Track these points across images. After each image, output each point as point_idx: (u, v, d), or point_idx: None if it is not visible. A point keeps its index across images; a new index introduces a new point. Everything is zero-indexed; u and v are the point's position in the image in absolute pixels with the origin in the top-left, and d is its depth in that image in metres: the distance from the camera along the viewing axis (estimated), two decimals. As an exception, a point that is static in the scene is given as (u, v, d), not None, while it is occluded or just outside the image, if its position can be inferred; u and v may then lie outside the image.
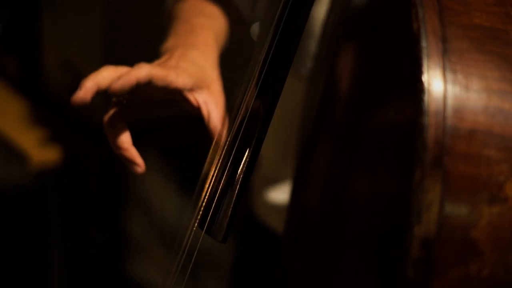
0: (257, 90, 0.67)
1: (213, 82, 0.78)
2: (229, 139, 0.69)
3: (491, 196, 0.53)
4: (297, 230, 0.75)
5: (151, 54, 1.49)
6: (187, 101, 0.76)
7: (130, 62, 1.79)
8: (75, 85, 1.87)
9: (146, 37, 1.64)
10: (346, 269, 0.62)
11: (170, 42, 0.83)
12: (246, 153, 0.67)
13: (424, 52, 0.53)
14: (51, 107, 1.78)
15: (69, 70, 1.74)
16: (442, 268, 0.53)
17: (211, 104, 0.76)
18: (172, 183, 2.00)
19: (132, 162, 0.76)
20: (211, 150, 0.74)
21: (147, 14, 1.65)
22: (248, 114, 0.67)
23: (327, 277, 0.65)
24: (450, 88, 0.53)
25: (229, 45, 0.92)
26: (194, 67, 0.77)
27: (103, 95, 1.77)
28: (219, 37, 0.86)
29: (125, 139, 0.76)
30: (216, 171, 0.70)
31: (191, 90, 0.76)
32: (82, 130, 1.71)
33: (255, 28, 0.92)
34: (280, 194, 0.98)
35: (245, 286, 1.12)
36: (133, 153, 0.76)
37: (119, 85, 0.73)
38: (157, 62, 0.79)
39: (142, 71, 0.73)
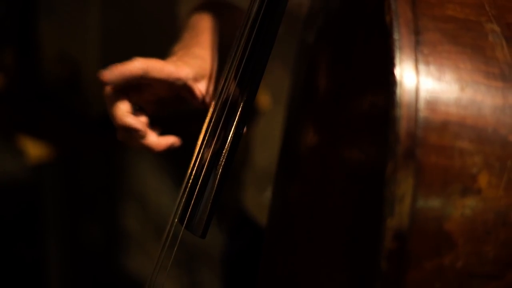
0: (236, 82, 0.67)
1: (215, 72, 0.79)
2: (208, 131, 0.69)
3: (464, 188, 0.53)
4: (278, 223, 0.75)
5: (149, 46, 1.49)
6: (191, 93, 0.76)
7: (128, 54, 1.79)
8: (73, 78, 1.87)
9: (144, 29, 1.65)
10: (324, 262, 0.62)
11: (175, 47, 0.83)
12: (225, 148, 0.67)
13: (397, 44, 0.53)
14: (48, 101, 1.78)
15: (66, 63, 1.74)
16: (415, 260, 0.53)
17: None
18: (168, 177, 2.00)
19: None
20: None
21: (145, 7, 1.66)
22: (228, 104, 0.67)
23: (306, 270, 0.65)
24: (422, 80, 0.53)
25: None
26: (195, 59, 0.77)
27: (101, 89, 1.76)
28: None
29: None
30: (196, 165, 0.70)
31: (195, 80, 0.76)
32: (78, 125, 1.71)
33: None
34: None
35: (239, 280, 1.12)
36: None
37: (110, 75, 0.72)
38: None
39: (136, 63, 0.73)
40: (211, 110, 0.72)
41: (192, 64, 0.76)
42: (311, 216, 0.65)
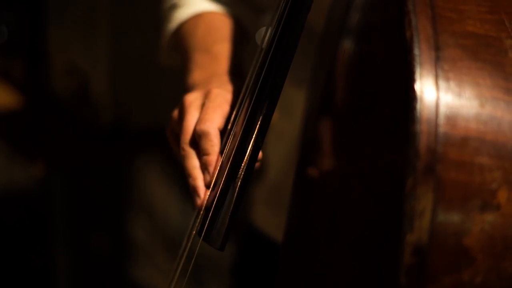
0: (255, 94, 0.67)
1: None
2: (227, 145, 0.70)
3: (484, 203, 0.53)
4: (295, 239, 0.75)
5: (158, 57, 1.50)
6: None
7: (136, 66, 1.79)
8: (82, 90, 1.87)
9: (153, 41, 1.65)
10: (342, 277, 0.62)
11: (196, 75, 0.82)
12: (244, 160, 0.68)
13: (417, 60, 0.53)
14: (56, 111, 1.79)
15: (75, 74, 1.75)
16: (434, 275, 0.53)
17: None
18: (175, 188, 2.00)
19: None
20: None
21: (154, 18, 1.66)
22: (244, 122, 0.68)
23: (324, 284, 0.65)
24: (442, 95, 0.53)
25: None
26: (231, 92, 0.76)
27: (110, 100, 1.77)
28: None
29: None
30: (214, 178, 0.70)
31: None
32: (87, 135, 1.72)
33: (260, 33, 0.93)
34: (284, 204, 0.98)
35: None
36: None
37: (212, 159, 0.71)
38: (196, 102, 0.76)
39: (213, 143, 0.71)
40: (230, 122, 0.72)
41: (232, 91, 0.76)
42: (328, 232, 0.65)
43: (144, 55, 1.66)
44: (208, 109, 0.72)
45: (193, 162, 0.72)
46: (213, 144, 0.71)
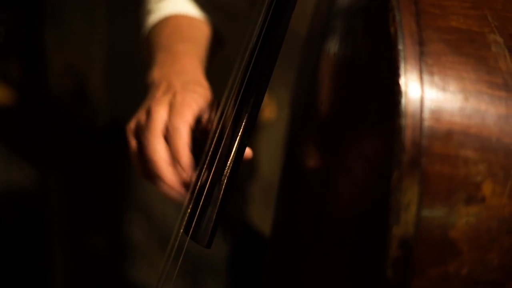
0: (240, 91, 0.68)
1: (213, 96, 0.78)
2: (213, 142, 0.70)
3: (469, 196, 0.54)
4: (282, 235, 0.76)
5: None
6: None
7: (133, 66, 1.79)
8: (79, 90, 1.87)
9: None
10: (329, 272, 0.62)
11: (156, 73, 0.81)
12: (230, 159, 0.68)
13: (401, 55, 0.54)
14: (53, 112, 1.79)
15: (72, 74, 1.75)
16: (421, 267, 0.54)
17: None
18: (173, 187, 2.00)
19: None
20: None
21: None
22: (230, 121, 0.68)
23: (311, 281, 0.66)
24: (427, 90, 0.54)
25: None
26: (197, 93, 0.76)
27: (107, 100, 1.76)
28: (202, 58, 0.87)
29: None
30: (201, 176, 0.70)
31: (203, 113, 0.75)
32: (84, 135, 1.72)
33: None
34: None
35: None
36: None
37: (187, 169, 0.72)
38: (157, 97, 0.76)
39: (183, 141, 0.71)
40: (215, 121, 0.73)
41: (199, 92, 0.75)
42: (315, 227, 0.65)
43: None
44: (178, 104, 0.73)
45: (163, 155, 0.72)
46: (184, 141, 0.71)
